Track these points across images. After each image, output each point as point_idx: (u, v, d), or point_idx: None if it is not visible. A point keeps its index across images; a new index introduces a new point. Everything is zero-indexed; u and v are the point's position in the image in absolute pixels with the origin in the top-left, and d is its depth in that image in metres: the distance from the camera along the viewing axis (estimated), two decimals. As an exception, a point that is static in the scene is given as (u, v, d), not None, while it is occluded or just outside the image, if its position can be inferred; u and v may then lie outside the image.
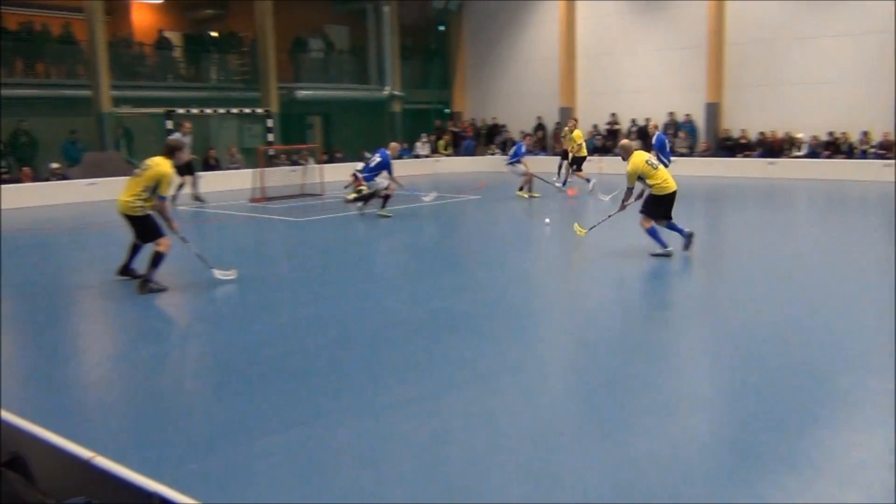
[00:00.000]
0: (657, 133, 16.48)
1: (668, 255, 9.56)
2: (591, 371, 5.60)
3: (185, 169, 16.77)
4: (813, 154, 21.48)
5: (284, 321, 7.16)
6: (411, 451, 4.19)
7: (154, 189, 8.13)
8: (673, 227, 9.71)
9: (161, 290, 8.23)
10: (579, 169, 17.94)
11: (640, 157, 9.61)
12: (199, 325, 7.40)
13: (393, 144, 15.33)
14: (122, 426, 4.74)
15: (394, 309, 7.53)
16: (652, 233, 9.63)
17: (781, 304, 7.45)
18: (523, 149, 17.42)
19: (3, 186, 17.96)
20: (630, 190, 9.86)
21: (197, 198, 17.05)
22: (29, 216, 15.77)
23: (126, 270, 8.76)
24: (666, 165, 10.85)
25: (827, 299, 7.65)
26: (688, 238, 9.69)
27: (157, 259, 8.24)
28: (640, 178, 9.56)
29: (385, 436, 4.39)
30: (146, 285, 8.19)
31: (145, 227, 8.30)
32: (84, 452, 2.72)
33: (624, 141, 10.51)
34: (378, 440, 4.33)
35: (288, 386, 5.25)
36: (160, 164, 8.16)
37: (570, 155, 18.02)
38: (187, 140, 16.84)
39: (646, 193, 9.76)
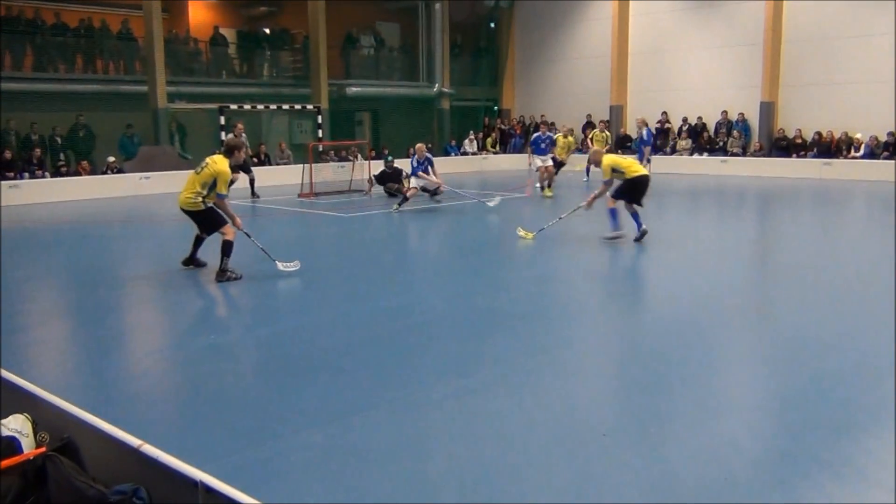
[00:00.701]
0: (645, 127, 16.82)
1: (618, 237, 10.62)
2: (633, 371, 5.54)
3: (241, 167, 17.14)
4: (871, 155, 20.89)
5: (326, 316, 7.23)
6: (446, 447, 4.20)
7: (212, 186, 8.51)
8: (635, 217, 10.62)
9: (237, 277, 8.55)
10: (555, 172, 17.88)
11: (610, 157, 11.18)
12: (247, 319, 7.52)
13: (418, 146, 15.46)
14: (171, 415, 4.85)
15: (435, 305, 7.55)
16: (612, 213, 10.71)
17: (827, 309, 7.28)
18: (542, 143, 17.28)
19: (62, 179, 18.52)
20: (607, 184, 10.81)
21: (253, 194, 17.37)
22: (85, 208, 16.19)
23: (191, 260, 9.21)
24: (642, 157, 13.08)
25: (876, 305, 7.44)
26: (641, 234, 10.56)
27: (226, 248, 8.58)
28: (616, 171, 10.70)
29: (422, 433, 4.41)
30: (224, 274, 8.54)
31: (207, 219, 8.72)
32: (133, 440, 2.79)
33: (593, 149, 13.03)
34: (415, 437, 4.36)
35: (330, 380, 5.31)
36: (218, 163, 8.54)
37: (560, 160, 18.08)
38: (242, 140, 17.18)
39: (620, 182, 10.77)
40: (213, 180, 8.49)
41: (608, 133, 21.39)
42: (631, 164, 10.87)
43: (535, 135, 18.00)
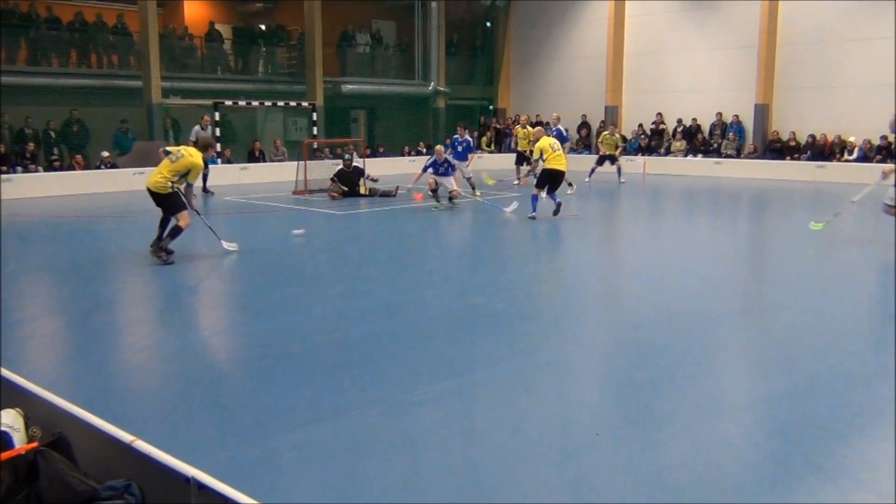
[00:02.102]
0: (557, 126, 16.98)
1: (533, 218, 12.81)
2: (626, 372, 5.56)
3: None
4: (864, 158, 20.95)
5: (320, 314, 7.23)
6: (441, 446, 4.20)
7: (184, 175, 9.27)
8: (553, 197, 13.09)
9: (169, 262, 9.16)
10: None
11: (546, 141, 13.04)
12: (241, 315, 7.50)
13: (437, 147, 15.49)
14: (163, 411, 4.84)
15: (430, 304, 7.55)
16: (533, 199, 13.08)
17: (822, 311, 7.30)
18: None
19: (54, 174, 18.46)
20: (536, 161, 13.27)
21: (205, 189, 17.33)
22: (76, 203, 16.13)
23: (159, 242, 9.49)
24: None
25: (870, 307, 7.48)
26: (557, 206, 12.87)
27: (175, 232, 9.33)
28: (543, 154, 12.80)
29: (416, 432, 4.41)
30: (160, 251, 9.21)
31: (169, 202, 9.34)
32: (125, 436, 2.79)
33: (537, 129, 14.89)
34: (410, 435, 4.36)
35: (323, 378, 5.31)
36: (193, 156, 9.35)
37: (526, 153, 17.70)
38: (206, 133, 17.14)
39: (541, 169, 13.06)
40: (187, 171, 9.23)
41: (619, 136, 20.98)
42: (554, 156, 12.78)
43: (454, 137, 17.54)
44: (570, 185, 16.75)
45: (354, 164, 17.11)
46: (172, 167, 9.22)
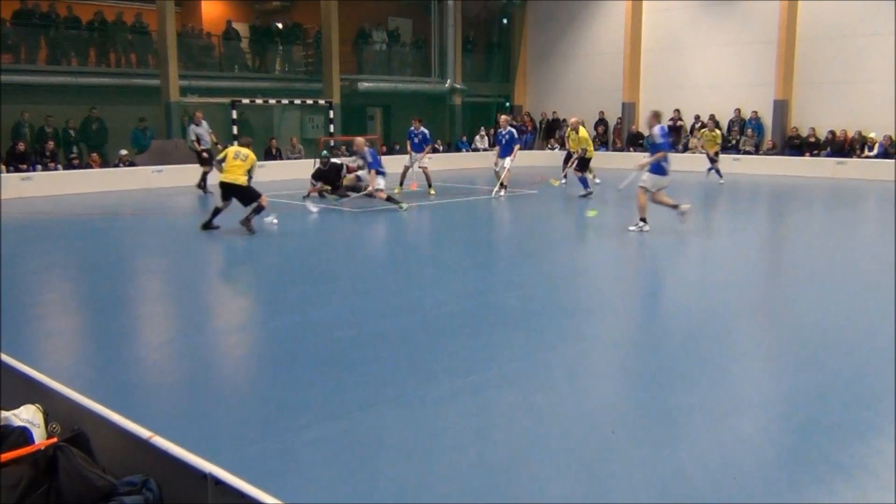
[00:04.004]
0: (508, 127, 16.55)
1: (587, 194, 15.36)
2: (642, 369, 5.53)
3: (203, 159, 17.11)
4: (885, 154, 20.73)
5: (332, 311, 7.23)
6: (456, 443, 4.19)
7: (251, 170, 11.50)
8: (584, 182, 15.77)
9: (252, 231, 11.25)
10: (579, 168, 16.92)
11: (585, 132, 16.30)
12: (259, 312, 7.54)
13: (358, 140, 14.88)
14: (181, 407, 4.87)
15: (444, 302, 7.54)
16: (582, 181, 15.98)
17: (841, 308, 7.23)
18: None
19: (74, 171, 18.62)
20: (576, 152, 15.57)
21: (199, 187, 17.36)
22: (97, 201, 16.25)
23: (209, 225, 11.58)
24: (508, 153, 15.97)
25: (891, 304, 7.38)
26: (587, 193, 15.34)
27: (259, 209, 11.52)
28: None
29: (431, 429, 4.40)
30: (249, 222, 11.34)
31: (249, 193, 11.50)
32: (143, 432, 2.80)
33: (574, 119, 16.85)
34: (425, 432, 4.35)
35: (338, 375, 5.31)
36: (252, 155, 11.58)
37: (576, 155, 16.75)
38: (201, 130, 17.16)
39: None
40: (252, 166, 11.47)
41: (718, 132, 20.19)
42: (590, 145, 15.97)
43: (409, 129, 17.26)
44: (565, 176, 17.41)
45: (332, 160, 16.78)
46: (244, 166, 11.32)
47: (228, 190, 11.45)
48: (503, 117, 17.33)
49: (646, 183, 11.02)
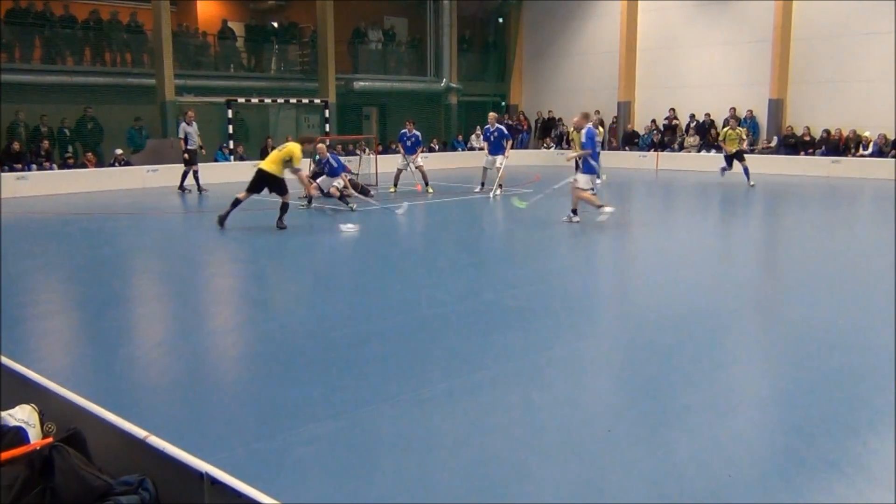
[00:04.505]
0: (495, 124, 16.45)
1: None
2: (638, 367, 5.53)
3: (187, 159, 17.03)
4: (879, 153, 20.78)
5: (328, 310, 7.22)
6: (453, 443, 4.20)
7: (288, 162, 11.41)
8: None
9: (284, 228, 11.52)
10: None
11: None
12: (255, 311, 7.52)
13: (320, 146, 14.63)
14: (177, 407, 4.86)
15: (442, 300, 7.53)
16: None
17: (838, 308, 7.24)
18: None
19: (69, 171, 18.58)
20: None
21: (181, 188, 17.35)
22: (92, 200, 16.22)
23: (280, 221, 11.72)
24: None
25: (887, 303, 7.40)
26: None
27: (285, 207, 11.68)
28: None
29: (428, 428, 4.40)
30: (281, 223, 11.55)
31: (281, 185, 11.63)
32: (139, 431, 2.79)
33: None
34: (422, 432, 4.35)
35: (335, 374, 5.30)
36: (290, 145, 11.65)
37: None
38: (191, 129, 17.11)
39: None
40: (289, 158, 11.40)
41: (741, 129, 18.90)
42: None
43: (402, 131, 17.36)
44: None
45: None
46: (279, 156, 11.48)
47: (262, 179, 11.50)
48: (490, 114, 17.28)
49: (578, 182, 11.84)
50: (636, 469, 3.88)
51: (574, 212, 11.99)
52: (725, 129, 18.59)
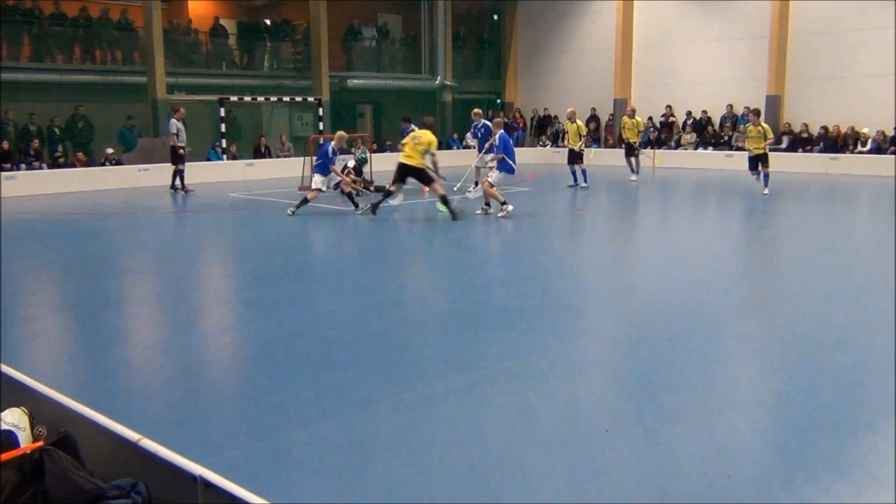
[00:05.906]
0: (481, 121, 16.29)
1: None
2: (636, 367, 5.45)
3: (174, 157, 16.86)
4: (878, 150, 20.77)
5: (323, 310, 7.14)
6: (449, 443, 4.11)
7: (426, 151, 12.01)
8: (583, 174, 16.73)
9: (366, 213, 12.45)
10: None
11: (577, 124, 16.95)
12: (249, 311, 7.42)
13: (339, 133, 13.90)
14: (170, 409, 4.76)
15: (436, 300, 7.47)
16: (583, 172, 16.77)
17: (838, 305, 7.18)
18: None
19: (59, 170, 18.43)
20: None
21: (173, 187, 17.17)
22: (83, 200, 16.10)
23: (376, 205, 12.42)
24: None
25: (887, 301, 7.35)
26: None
27: (388, 194, 12.55)
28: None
29: (424, 428, 4.32)
30: (375, 208, 12.32)
31: (425, 175, 12.23)
32: (132, 434, 2.74)
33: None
34: (418, 432, 4.27)
35: (330, 375, 5.22)
36: (426, 135, 12.14)
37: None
38: (182, 125, 16.95)
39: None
40: (428, 147, 11.98)
41: (763, 126, 16.06)
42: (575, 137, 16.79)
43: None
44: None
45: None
46: (419, 148, 11.91)
47: (406, 171, 12.08)
48: (475, 111, 17.04)
49: (492, 178, 12.69)
50: (635, 469, 3.81)
51: (488, 204, 12.89)
52: (748, 126, 16.60)
